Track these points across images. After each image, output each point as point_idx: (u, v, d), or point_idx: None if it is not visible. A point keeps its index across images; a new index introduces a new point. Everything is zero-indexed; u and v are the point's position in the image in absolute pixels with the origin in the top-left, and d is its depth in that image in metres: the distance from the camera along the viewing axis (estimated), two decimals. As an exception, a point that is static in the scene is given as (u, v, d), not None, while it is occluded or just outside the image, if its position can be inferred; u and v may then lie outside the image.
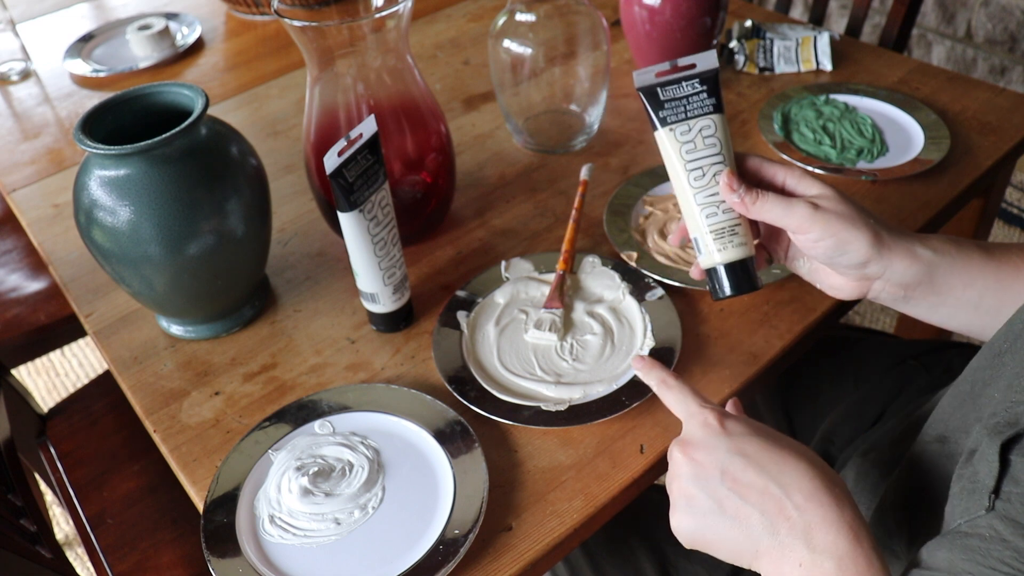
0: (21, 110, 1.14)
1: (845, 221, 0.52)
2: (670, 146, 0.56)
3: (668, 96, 0.56)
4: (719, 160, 0.55)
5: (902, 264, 0.53)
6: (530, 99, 0.91)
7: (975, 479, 0.41)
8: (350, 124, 0.73)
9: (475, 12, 1.25)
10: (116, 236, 0.64)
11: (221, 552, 0.56)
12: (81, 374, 1.78)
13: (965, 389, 0.49)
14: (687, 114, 0.56)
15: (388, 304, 0.70)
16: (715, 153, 0.56)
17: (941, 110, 0.92)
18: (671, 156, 0.56)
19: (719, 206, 0.55)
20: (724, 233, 0.56)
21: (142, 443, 0.92)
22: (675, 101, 0.55)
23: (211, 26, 1.30)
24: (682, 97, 0.55)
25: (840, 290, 0.57)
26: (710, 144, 0.56)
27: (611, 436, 0.62)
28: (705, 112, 0.56)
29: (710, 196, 0.56)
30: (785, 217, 0.53)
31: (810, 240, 0.53)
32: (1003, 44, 1.93)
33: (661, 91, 0.56)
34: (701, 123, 0.56)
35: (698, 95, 0.56)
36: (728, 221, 0.56)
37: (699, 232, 0.56)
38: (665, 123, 0.56)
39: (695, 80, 0.56)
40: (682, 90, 0.56)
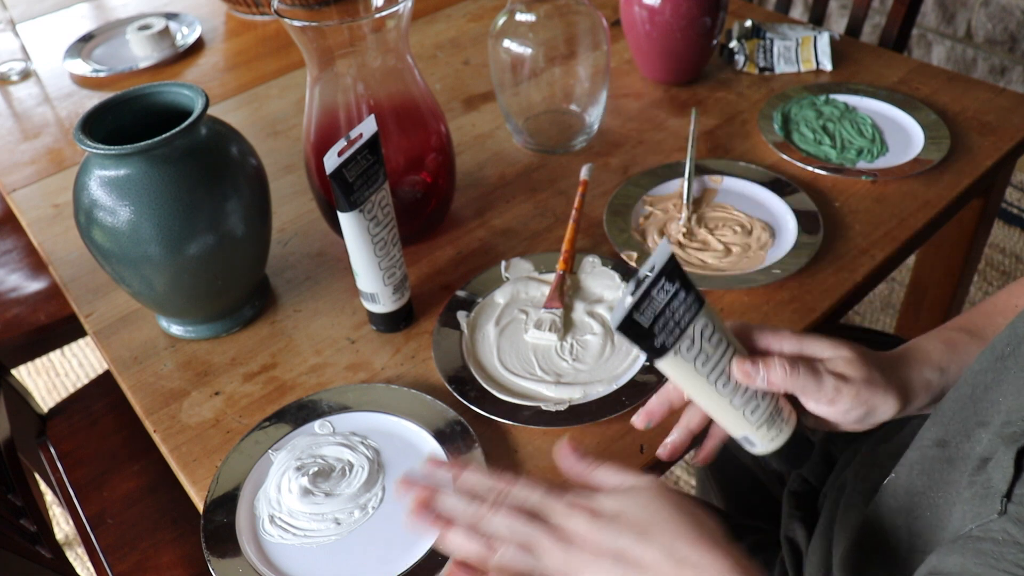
0: (21, 110, 1.14)
1: (873, 387, 0.50)
2: (681, 368, 0.48)
3: (649, 318, 0.45)
4: (732, 353, 0.49)
5: (920, 400, 0.52)
6: (530, 99, 0.91)
7: (988, 484, 0.41)
8: (350, 124, 0.73)
9: (475, 12, 1.25)
10: (116, 236, 0.64)
11: (221, 552, 0.56)
12: (81, 374, 1.78)
13: (965, 392, 0.48)
14: (680, 326, 0.46)
15: (388, 304, 0.70)
16: (726, 349, 0.49)
17: (941, 110, 0.92)
18: (688, 377, 0.48)
19: (757, 395, 0.50)
20: (773, 417, 0.51)
21: (142, 443, 0.92)
22: (660, 319, 0.46)
23: (211, 26, 1.30)
24: (663, 310, 0.46)
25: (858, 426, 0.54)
26: (717, 342, 0.48)
27: (611, 436, 0.62)
28: (695, 312, 0.47)
29: (744, 393, 0.49)
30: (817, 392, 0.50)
31: (839, 411, 0.50)
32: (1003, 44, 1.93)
33: (640, 317, 0.45)
34: (699, 324, 0.47)
35: (676, 297, 0.46)
36: (771, 404, 0.50)
37: (748, 431, 0.51)
38: (665, 350, 0.46)
39: (663, 282, 0.45)
40: (658, 301, 0.46)
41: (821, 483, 0.72)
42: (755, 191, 0.82)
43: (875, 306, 1.75)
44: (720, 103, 0.98)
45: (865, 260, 0.75)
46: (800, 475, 0.72)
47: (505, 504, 0.46)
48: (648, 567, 0.43)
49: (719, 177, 0.85)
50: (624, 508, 0.45)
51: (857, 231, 0.78)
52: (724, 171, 0.85)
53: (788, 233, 0.77)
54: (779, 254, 0.75)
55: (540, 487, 0.47)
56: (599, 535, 0.44)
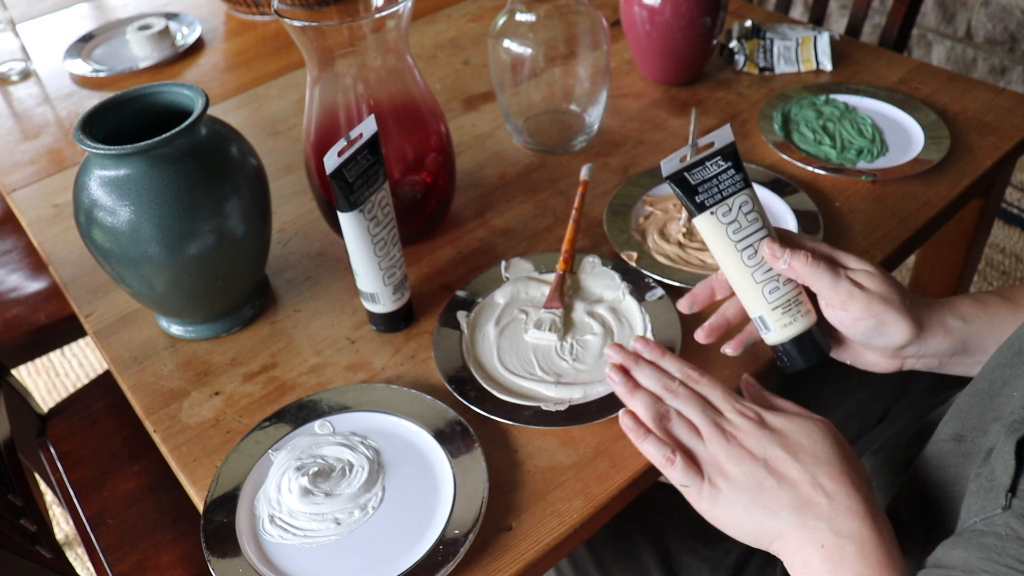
0: (21, 110, 1.14)
1: (887, 304, 0.52)
2: (715, 229, 0.54)
3: (698, 179, 0.54)
4: (765, 233, 0.54)
5: (936, 340, 0.54)
6: (530, 99, 0.91)
7: (992, 477, 0.41)
8: (350, 124, 0.73)
9: (475, 12, 1.25)
10: (116, 236, 0.64)
11: (221, 552, 0.55)
12: (81, 374, 1.78)
13: (983, 387, 0.49)
14: (722, 194, 0.54)
15: (388, 304, 0.70)
16: (760, 227, 0.54)
17: (941, 110, 0.92)
18: (719, 239, 0.55)
19: (779, 279, 0.54)
20: (791, 306, 0.54)
21: (142, 443, 0.92)
22: (707, 183, 0.54)
23: (211, 26, 1.30)
24: (711, 178, 0.54)
25: (873, 366, 0.57)
26: (753, 219, 0.54)
27: (611, 436, 0.62)
28: (739, 188, 0.54)
29: (768, 272, 0.54)
30: (831, 288, 0.53)
31: (850, 318, 0.53)
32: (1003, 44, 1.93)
33: (690, 175, 0.54)
34: (739, 200, 0.54)
35: (726, 172, 0.54)
36: (792, 292, 0.54)
37: (764, 310, 0.55)
38: (704, 207, 0.54)
39: (718, 158, 0.54)
40: (709, 171, 0.54)
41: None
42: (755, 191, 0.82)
43: (875, 306, 1.74)
44: (720, 103, 0.98)
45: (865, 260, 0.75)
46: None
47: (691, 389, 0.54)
48: (790, 481, 0.48)
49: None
50: (788, 429, 0.50)
51: (857, 231, 0.78)
52: (724, 171, 0.85)
53: (788, 233, 0.77)
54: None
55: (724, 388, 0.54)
56: (759, 440, 0.50)
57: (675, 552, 0.73)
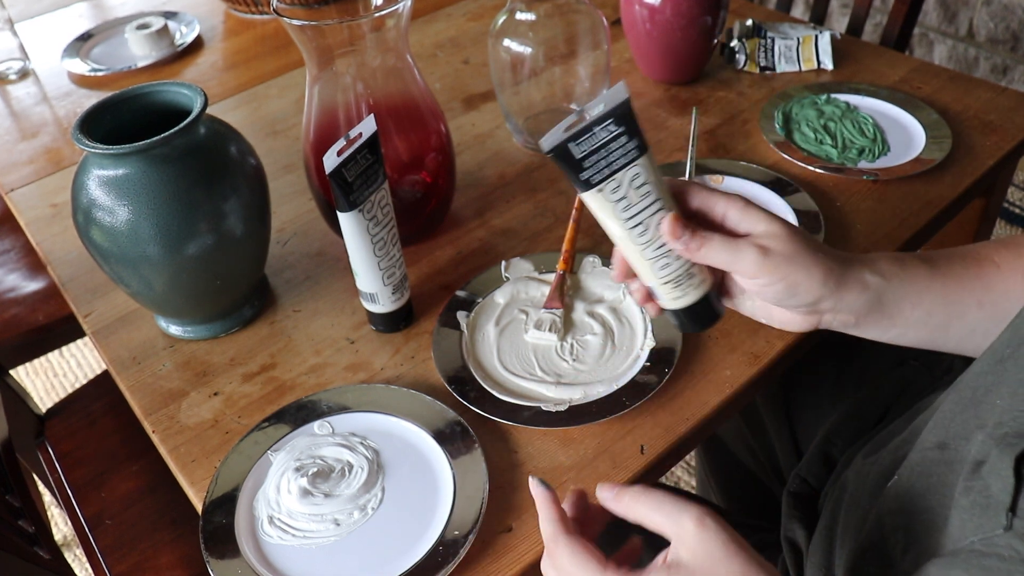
0: (19, 109, 1.13)
1: (794, 264, 0.50)
2: (602, 208, 0.50)
3: (585, 151, 0.48)
4: (658, 208, 0.50)
5: (852, 295, 0.52)
6: (530, 98, 0.91)
7: (987, 494, 0.40)
8: (349, 124, 0.73)
9: (475, 11, 1.25)
10: (115, 236, 0.63)
11: (220, 553, 0.55)
12: (79, 374, 1.78)
13: (966, 395, 0.48)
14: (611, 168, 0.48)
15: (388, 304, 0.70)
16: (653, 202, 0.50)
17: (943, 109, 0.92)
18: (606, 218, 0.50)
19: (669, 255, 0.51)
20: (681, 280, 0.52)
21: (141, 443, 0.92)
22: (594, 155, 0.48)
23: (210, 25, 1.30)
24: (599, 147, 0.48)
25: (788, 324, 0.55)
26: (644, 194, 0.49)
27: (611, 437, 0.62)
28: (630, 160, 0.48)
29: (659, 249, 0.51)
30: (733, 263, 0.50)
31: (758, 284, 0.51)
32: (1005, 43, 1.93)
33: (575, 147, 0.48)
34: (630, 173, 0.49)
35: (616, 140, 0.48)
36: (683, 267, 0.51)
37: (654, 283, 0.52)
38: (590, 185, 0.49)
39: (609, 123, 0.48)
40: (597, 138, 0.48)
41: (821, 484, 0.72)
42: (756, 191, 0.82)
43: (875, 306, 1.74)
44: (721, 102, 0.98)
45: (866, 260, 0.75)
46: (799, 476, 0.72)
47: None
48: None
49: (720, 177, 0.84)
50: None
51: (858, 231, 0.78)
52: (725, 171, 0.85)
53: (789, 233, 0.77)
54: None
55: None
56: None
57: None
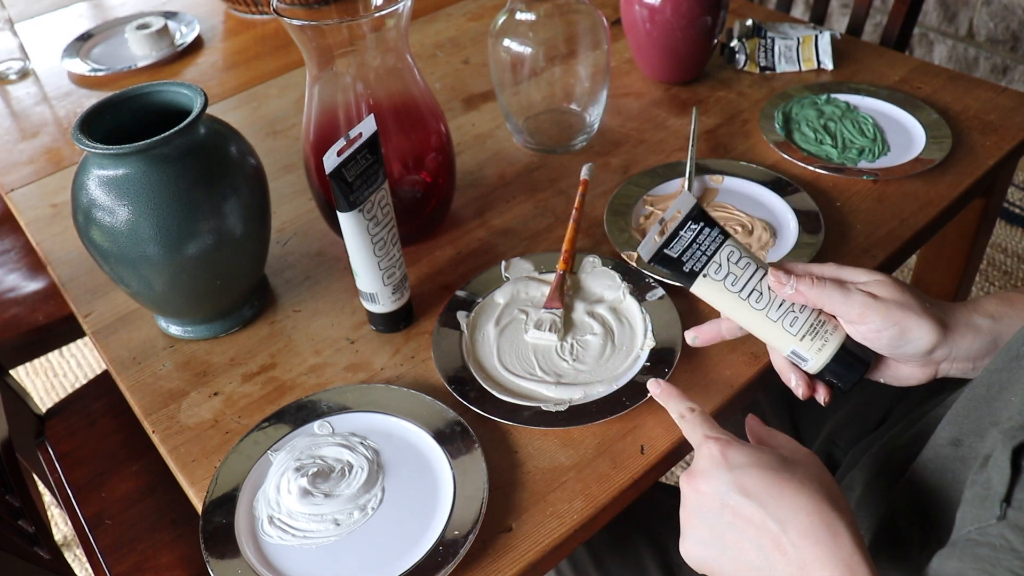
0: (19, 109, 1.13)
1: (906, 310, 0.51)
2: (714, 289, 0.54)
3: (679, 250, 0.54)
4: (763, 274, 0.54)
5: (966, 341, 0.52)
6: (530, 98, 0.91)
7: (988, 485, 0.40)
8: (349, 124, 0.73)
9: (475, 11, 1.25)
10: (114, 236, 0.63)
11: (220, 553, 0.55)
12: (79, 374, 1.78)
13: (980, 392, 0.48)
14: (707, 255, 0.54)
15: (388, 304, 0.70)
16: (756, 270, 0.54)
17: (943, 109, 0.92)
18: (721, 297, 0.54)
19: (793, 308, 0.54)
20: (816, 328, 0.54)
21: (141, 444, 0.92)
22: (689, 250, 0.54)
23: (210, 25, 1.30)
24: (691, 243, 0.54)
25: (908, 379, 0.55)
26: (744, 266, 0.54)
27: (611, 437, 0.62)
28: (720, 243, 0.54)
29: (780, 307, 0.54)
30: (844, 305, 0.52)
31: (871, 331, 0.52)
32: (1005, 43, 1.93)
33: (670, 250, 0.53)
34: (724, 253, 0.54)
35: (703, 232, 0.54)
36: (811, 317, 0.54)
37: (793, 343, 0.54)
38: (695, 274, 0.54)
39: (689, 223, 0.54)
40: (686, 238, 0.54)
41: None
42: (756, 191, 0.82)
43: (875, 306, 1.74)
44: (721, 102, 0.98)
45: (866, 260, 0.75)
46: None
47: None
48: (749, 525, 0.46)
49: (720, 177, 0.84)
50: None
51: (858, 231, 0.78)
52: (725, 171, 0.85)
53: (789, 233, 0.77)
54: (780, 254, 0.74)
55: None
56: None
57: (675, 553, 0.72)
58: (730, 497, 0.46)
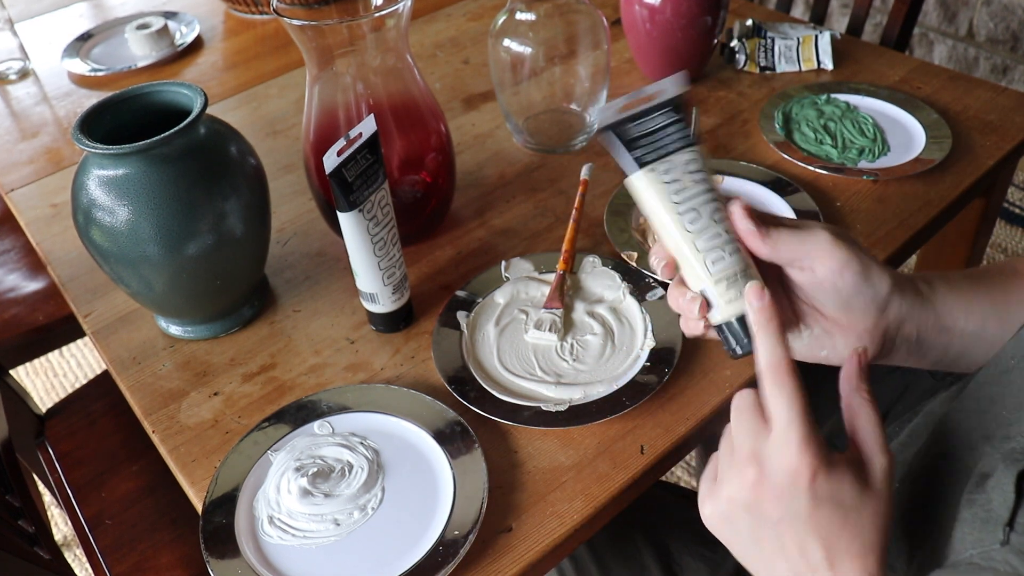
0: (19, 109, 1.13)
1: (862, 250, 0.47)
2: (653, 190, 0.47)
3: (640, 131, 0.46)
4: (712, 196, 0.47)
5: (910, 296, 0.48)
6: (530, 98, 0.91)
7: (988, 507, 0.40)
8: (349, 124, 0.73)
9: (475, 11, 1.25)
10: (114, 236, 0.63)
11: (220, 553, 0.55)
12: (79, 374, 1.78)
13: (971, 406, 0.48)
14: (666, 149, 0.46)
15: (388, 304, 0.70)
16: (706, 189, 0.47)
17: (943, 109, 0.92)
18: (656, 201, 0.47)
19: (725, 248, 0.47)
20: (737, 277, 0.47)
21: (141, 444, 0.92)
22: (648, 136, 0.46)
23: (210, 25, 1.30)
24: (655, 130, 0.46)
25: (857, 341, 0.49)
26: (699, 180, 0.47)
27: (611, 437, 0.62)
28: (686, 144, 0.47)
29: (712, 239, 0.47)
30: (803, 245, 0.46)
31: (834, 268, 0.46)
32: (1005, 43, 1.93)
33: (632, 127, 0.46)
34: (685, 156, 0.46)
35: (673, 125, 0.46)
36: (739, 263, 0.47)
37: (706, 283, 0.47)
38: (642, 163, 0.46)
39: (668, 109, 0.46)
40: (654, 122, 0.46)
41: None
42: (756, 191, 0.82)
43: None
44: (721, 102, 0.98)
45: (867, 260, 0.75)
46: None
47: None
48: (794, 547, 0.43)
49: (720, 177, 0.84)
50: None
51: (858, 231, 0.78)
52: (725, 171, 0.85)
53: (789, 233, 0.77)
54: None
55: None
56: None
57: (676, 553, 0.72)
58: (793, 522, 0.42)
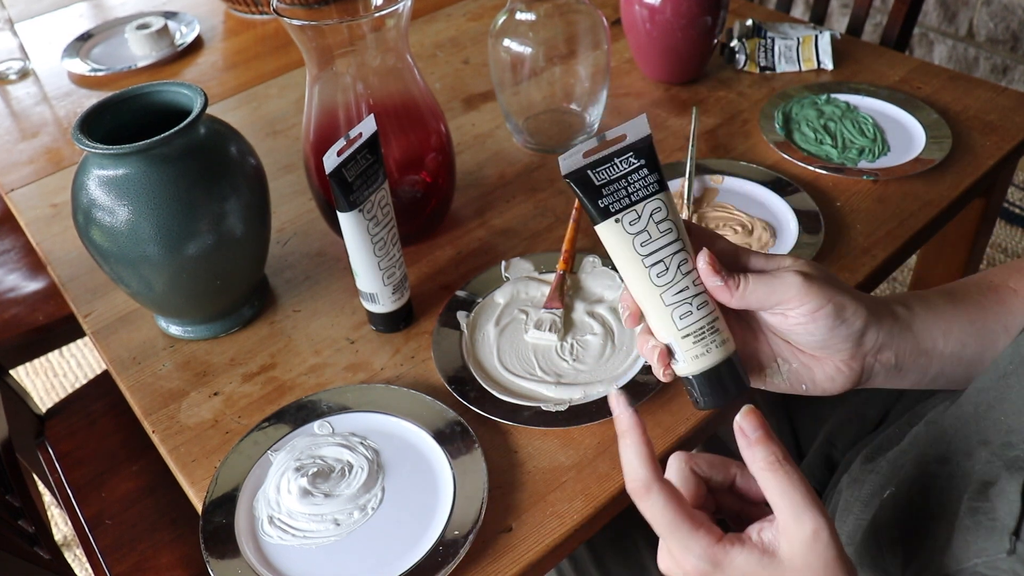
0: (19, 109, 1.13)
1: (833, 285, 0.46)
2: (619, 240, 0.46)
3: (604, 179, 0.45)
4: (679, 247, 0.46)
5: (887, 322, 0.48)
6: (530, 98, 0.91)
7: (993, 516, 0.40)
8: (349, 124, 0.73)
9: (475, 11, 1.25)
10: (114, 236, 0.63)
11: (220, 553, 0.55)
12: (79, 374, 1.78)
13: (968, 411, 0.48)
14: (631, 198, 0.45)
15: (388, 304, 0.70)
16: (674, 240, 0.46)
17: (943, 109, 0.92)
18: (621, 252, 0.46)
19: (692, 302, 0.46)
20: (704, 333, 0.46)
21: (141, 444, 0.92)
22: (614, 184, 0.45)
23: (210, 25, 1.30)
24: (619, 178, 0.45)
25: (835, 379, 0.49)
26: (665, 230, 0.45)
27: (611, 437, 0.61)
28: (651, 192, 0.45)
29: (680, 293, 0.46)
30: (774, 294, 0.45)
31: (805, 313, 0.46)
32: (1005, 43, 1.93)
33: (594, 174, 0.45)
34: (650, 206, 0.45)
35: (637, 172, 0.45)
36: (706, 318, 0.46)
37: (672, 338, 0.46)
38: (608, 213, 0.45)
39: (629, 154, 0.45)
40: (618, 169, 0.45)
41: (822, 486, 0.72)
42: (756, 191, 0.82)
43: (875, 306, 1.74)
44: (721, 102, 0.98)
45: (866, 260, 0.75)
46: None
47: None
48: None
49: (720, 177, 0.84)
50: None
51: (858, 231, 0.78)
52: (725, 171, 0.85)
53: (789, 233, 0.77)
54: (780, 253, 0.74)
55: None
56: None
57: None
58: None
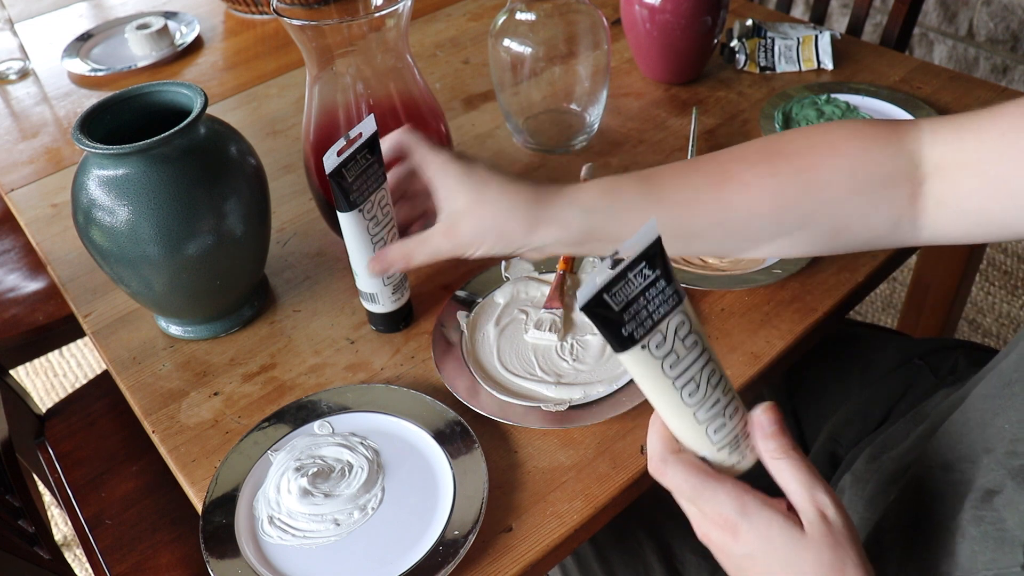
0: (19, 109, 1.13)
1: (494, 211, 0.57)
2: (647, 368, 0.41)
3: (622, 300, 0.39)
4: (706, 360, 0.42)
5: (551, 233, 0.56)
6: (530, 98, 0.91)
7: (1002, 527, 0.40)
8: (349, 123, 0.73)
9: (475, 11, 1.25)
10: (114, 236, 0.63)
11: (220, 553, 0.55)
12: (79, 374, 1.78)
13: (972, 417, 0.48)
14: (653, 317, 0.40)
15: (388, 304, 0.70)
16: (700, 353, 0.42)
17: (943, 109, 0.92)
18: (651, 379, 0.42)
19: (725, 412, 0.44)
20: (739, 441, 0.44)
21: (141, 444, 0.92)
22: (633, 305, 0.40)
23: (210, 25, 1.30)
24: (637, 296, 0.40)
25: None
26: (691, 345, 0.41)
27: (611, 437, 0.62)
28: (673, 306, 0.40)
29: (713, 407, 0.43)
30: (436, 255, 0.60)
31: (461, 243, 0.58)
32: (1005, 43, 1.93)
33: (610, 297, 0.39)
34: (674, 322, 0.41)
35: (655, 285, 0.40)
36: (738, 425, 0.44)
37: (708, 452, 0.45)
38: (633, 341, 0.40)
39: (642, 265, 0.40)
40: (634, 285, 0.40)
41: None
42: (756, 191, 0.82)
43: (876, 306, 1.75)
44: (721, 102, 0.98)
45: (866, 259, 0.75)
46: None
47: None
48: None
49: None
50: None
51: (858, 231, 0.78)
52: (725, 170, 0.84)
53: (789, 233, 0.77)
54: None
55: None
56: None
57: (678, 551, 0.72)
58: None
